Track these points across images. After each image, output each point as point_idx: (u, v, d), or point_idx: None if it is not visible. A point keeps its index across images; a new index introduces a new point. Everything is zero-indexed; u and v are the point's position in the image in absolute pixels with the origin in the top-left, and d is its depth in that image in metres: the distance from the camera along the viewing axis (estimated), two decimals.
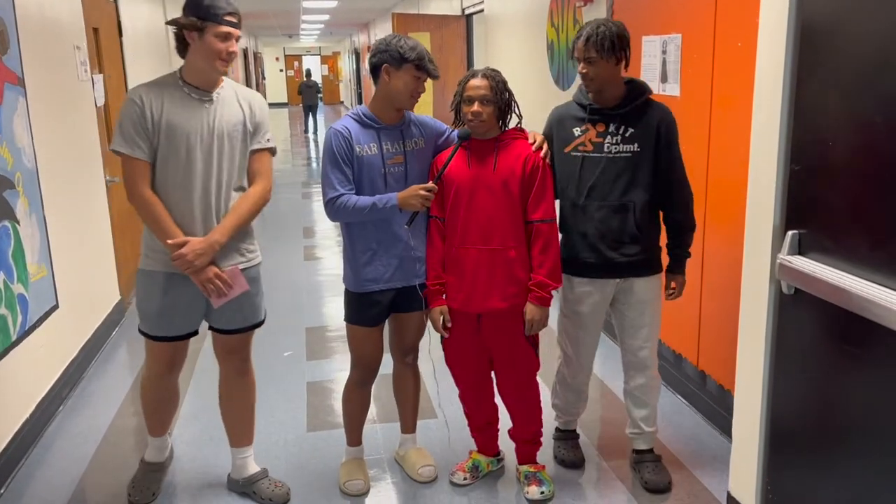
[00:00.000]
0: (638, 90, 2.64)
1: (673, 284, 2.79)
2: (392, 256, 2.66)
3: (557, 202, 2.71)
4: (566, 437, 3.08)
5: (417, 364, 2.97)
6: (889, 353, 1.78)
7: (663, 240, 2.78)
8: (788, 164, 2.18)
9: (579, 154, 2.64)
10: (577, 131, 2.65)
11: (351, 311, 2.76)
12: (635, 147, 2.60)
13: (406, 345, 2.88)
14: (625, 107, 2.61)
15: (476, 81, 2.54)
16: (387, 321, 2.82)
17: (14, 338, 3.20)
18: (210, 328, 2.75)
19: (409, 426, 3.05)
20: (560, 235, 2.73)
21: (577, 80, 4.76)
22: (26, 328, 3.34)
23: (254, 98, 2.66)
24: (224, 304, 2.60)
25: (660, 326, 2.82)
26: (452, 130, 2.75)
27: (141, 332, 2.68)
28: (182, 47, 2.50)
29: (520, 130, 2.66)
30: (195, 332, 2.71)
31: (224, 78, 2.59)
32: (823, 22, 2.00)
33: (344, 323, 2.80)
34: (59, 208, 3.88)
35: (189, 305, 2.61)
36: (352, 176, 2.59)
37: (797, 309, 2.16)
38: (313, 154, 14.82)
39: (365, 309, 2.72)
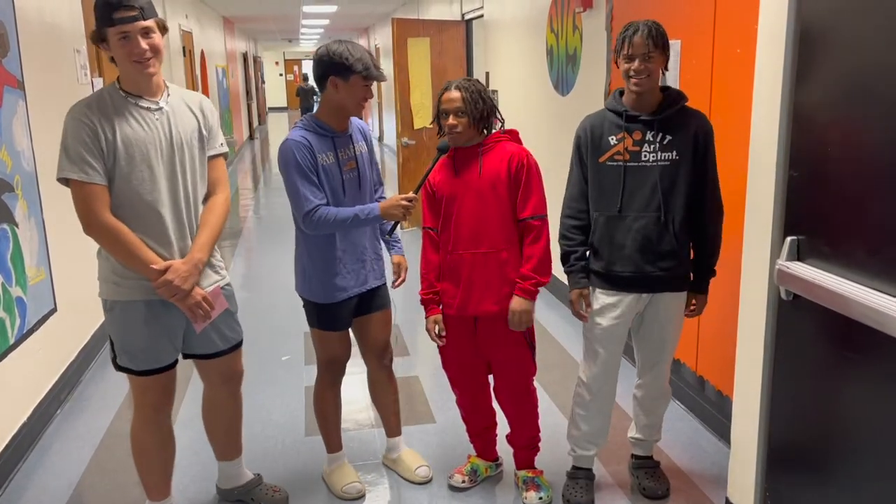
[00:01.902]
0: (674, 97, 2.55)
1: (693, 302, 2.68)
2: (356, 262, 2.70)
3: (592, 214, 2.61)
4: (577, 475, 2.84)
5: (392, 367, 2.97)
6: (888, 359, 1.78)
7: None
8: (787, 170, 2.18)
9: (616, 163, 2.53)
10: (612, 140, 2.54)
11: (322, 320, 2.74)
12: (674, 155, 2.50)
13: (379, 345, 2.88)
14: (662, 113, 2.51)
15: (449, 94, 2.56)
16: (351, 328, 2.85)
17: (12, 341, 3.20)
18: (193, 358, 2.57)
19: (394, 430, 3.05)
20: (591, 248, 2.65)
21: (576, 86, 4.80)
22: (24, 331, 3.33)
23: (203, 101, 2.49)
24: (205, 328, 2.47)
25: (678, 341, 2.75)
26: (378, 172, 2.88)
27: (122, 369, 2.41)
28: (111, 58, 2.27)
29: (504, 133, 2.66)
30: (177, 362, 2.50)
31: (168, 83, 2.41)
32: (822, 28, 2.01)
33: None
34: (58, 211, 3.88)
35: (172, 332, 2.42)
36: (318, 185, 2.58)
37: (796, 315, 2.16)
38: None
39: (337, 316, 2.74)
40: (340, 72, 2.51)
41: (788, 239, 2.13)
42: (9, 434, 3.14)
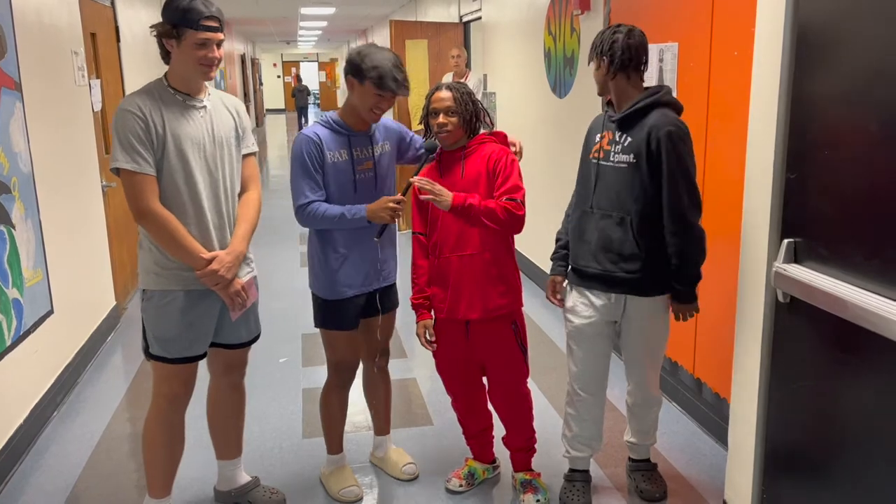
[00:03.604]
0: (647, 94, 2.50)
1: (671, 311, 2.62)
2: (363, 261, 2.69)
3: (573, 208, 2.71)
4: (574, 477, 2.83)
5: (388, 368, 2.99)
6: (884, 361, 1.78)
7: None
8: (784, 172, 2.18)
9: (594, 160, 2.60)
10: (597, 137, 2.61)
11: (329, 317, 2.75)
12: (631, 157, 2.47)
13: (378, 347, 2.90)
14: (623, 113, 2.50)
15: (440, 94, 2.59)
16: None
17: (8, 343, 3.19)
18: (216, 347, 2.64)
19: (383, 428, 3.07)
20: (570, 244, 2.72)
21: (574, 88, 4.80)
22: (21, 333, 3.33)
23: (238, 103, 2.63)
24: (239, 319, 2.58)
25: (665, 346, 2.74)
26: (413, 134, 2.83)
27: (155, 357, 2.48)
28: (165, 53, 2.41)
29: (489, 134, 2.67)
30: (205, 354, 2.60)
31: (206, 84, 2.52)
32: (819, 31, 2.01)
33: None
34: (56, 213, 3.87)
35: (206, 322, 2.52)
36: (321, 182, 2.60)
37: (793, 317, 2.16)
38: None
39: (344, 313, 2.73)
40: (356, 73, 2.55)
41: (785, 241, 2.13)
42: (5, 436, 3.13)
